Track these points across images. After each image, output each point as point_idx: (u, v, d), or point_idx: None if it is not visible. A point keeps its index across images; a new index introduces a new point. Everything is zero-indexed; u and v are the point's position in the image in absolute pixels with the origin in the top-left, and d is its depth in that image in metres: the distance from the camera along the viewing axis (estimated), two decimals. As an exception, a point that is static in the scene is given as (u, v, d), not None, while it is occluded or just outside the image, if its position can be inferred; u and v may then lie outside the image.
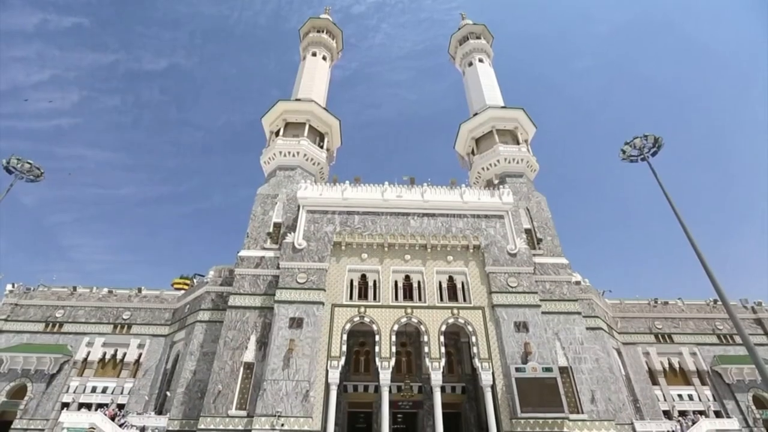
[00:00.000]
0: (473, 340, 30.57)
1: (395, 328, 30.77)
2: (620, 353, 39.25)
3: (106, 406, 35.07)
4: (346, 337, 30.57)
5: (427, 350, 29.95)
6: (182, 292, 44.22)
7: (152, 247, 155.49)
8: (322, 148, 46.91)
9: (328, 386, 28.43)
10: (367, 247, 34.67)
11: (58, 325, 41.03)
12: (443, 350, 30.31)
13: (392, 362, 29.50)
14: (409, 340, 35.97)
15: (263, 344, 31.04)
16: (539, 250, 37.27)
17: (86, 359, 38.99)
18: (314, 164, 44.84)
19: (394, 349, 30.10)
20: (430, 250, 34.63)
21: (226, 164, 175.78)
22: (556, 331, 32.09)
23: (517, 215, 39.05)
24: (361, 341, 35.95)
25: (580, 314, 33.35)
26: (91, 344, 39.75)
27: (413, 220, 36.56)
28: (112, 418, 30.08)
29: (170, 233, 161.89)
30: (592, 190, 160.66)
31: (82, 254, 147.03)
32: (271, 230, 37.64)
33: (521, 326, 30.78)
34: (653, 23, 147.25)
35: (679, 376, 40.41)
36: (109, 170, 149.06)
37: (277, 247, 36.26)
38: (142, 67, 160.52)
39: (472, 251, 34.86)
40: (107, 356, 39.46)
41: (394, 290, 32.90)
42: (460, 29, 62.65)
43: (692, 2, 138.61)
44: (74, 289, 43.42)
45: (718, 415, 36.20)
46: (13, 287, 42.60)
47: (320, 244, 34.46)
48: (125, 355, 39.38)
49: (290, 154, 43.55)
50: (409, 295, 33.11)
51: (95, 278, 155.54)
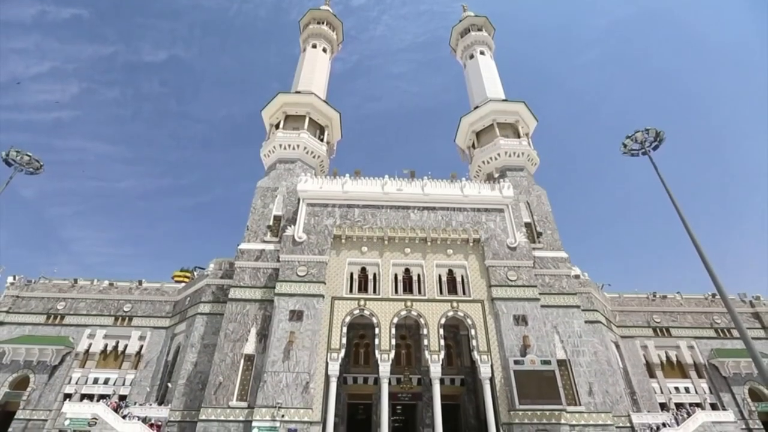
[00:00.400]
0: (472, 333, 30.78)
1: (395, 320, 30.96)
2: (618, 346, 39.54)
3: (108, 397, 35.42)
4: (346, 329, 30.78)
5: (426, 343, 30.16)
6: (183, 284, 44.39)
7: (153, 240, 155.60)
8: (322, 141, 46.73)
9: (328, 378, 28.69)
10: (367, 240, 34.73)
11: (59, 317, 41.27)
12: (442, 343, 30.56)
13: (392, 355, 29.73)
14: (408, 332, 36.21)
15: (263, 336, 31.24)
16: (539, 243, 37.35)
17: (88, 351, 39.26)
18: (314, 157, 44.71)
19: (393, 341, 30.33)
20: (430, 243, 34.69)
21: (226, 157, 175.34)
22: (555, 324, 32.28)
23: (517, 209, 39.06)
24: (361, 334, 36.19)
25: (578, 308, 33.53)
26: (92, 336, 40.00)
27: (413, 213, 36.58)
28: (115, 410, 30.37)
29: (171, 226, 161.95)
30: (592, 183, 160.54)
31: (82, 247, 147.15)
32: (271, 223, 37.67)
33: (520, 319, 30.97)
34: (655, 16, 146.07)
35: (676, 369, 40.75)
36: (109, 163, 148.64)
37: (277, 240, 36.31)
38: (141, 59, 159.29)
39: (472, 245, 34.93)
40: (109, 348, 39.75)
41: (394, 283, 33.04)
42: (461, 21, 62.08)
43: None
44: (75, 281, 43.59)
45: (714, 407, 36.56)
46: (14, 279, 42.76)
47: (320, 237, 34.51)
48: (126, 346, 39.65)
49: (290, 147, 43.40)
50: (408, 288, 33.25)
51: (96, 271, 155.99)
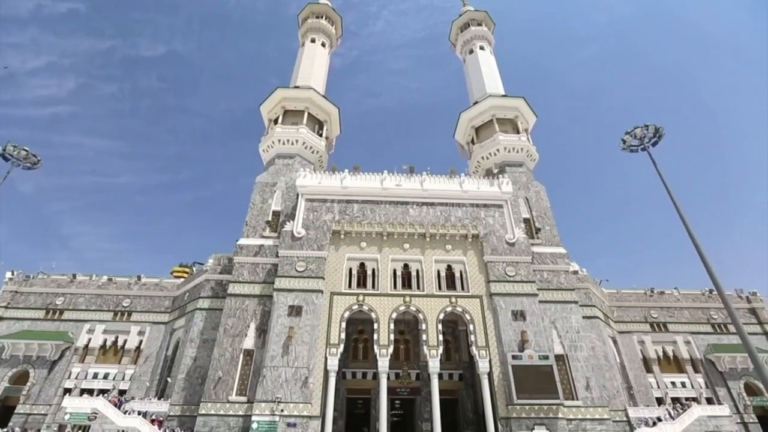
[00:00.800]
0: (471, 328, 30.92)
1: (394, 316, 31.07)
2: (616, 341, 39.81)
3: (107, 392, 35.54)
4: (344, 324, 30.89)
5: (425, 338, 30.30)
6: (182, 280, 44.40)
7: (151, 235, 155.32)
8: (321, 136, 46.60)
9: (327, 373, 28.83)
10: (366, 235, 34.75)
11: (58, 312, 41.29)
12: (441, 338, 30.71)
13: (390, 350, 29.87)
14: (407, 328, 36.30)
15: (263, 332, 31.33)
16: (538, 239, 37.43)
17: (87, 346, 39.35)
18: (313, 152, 44.60)
19: (392, 336, 30.47)
20: (429, 238, 34.74)
21: (225, 152, 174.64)
22: (553, 319, 32.45)
23: (516, 204, 39.10)
24: (359, 329, 36.30)
25: (576, 303, 33.70)
26: (91, 331, 40.06)
27: (412, 208, 36.58)
28: (116, 405, 30.51)
29: (169, 221, 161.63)
30: (591, 179, 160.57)
31: (81, 243, 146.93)
32: (270, 218, 37.64)
33: (518, 315, 31.11)
34: (656, 12, 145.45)
35: (672, 364, 41.08)
36: (107, 158, 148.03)
37: (276, 235, 36.30)
38: (139, 53, 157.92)
39: (470, 240, 34.99)
40: (108, 343, 39.83)
41: (392, 279, 33.11)
42: (461, 16, 61.74)
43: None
44: (74, 276, 43.57)
45: (709, 401, 36.89)
46: (12, 275, 42.73)
47: (319, 232, 34.52)
48: (126, 342, 39.74)
49: (289, 142, 43.28)
50: (407, 283, 33.35)
51: (95, 266, 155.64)
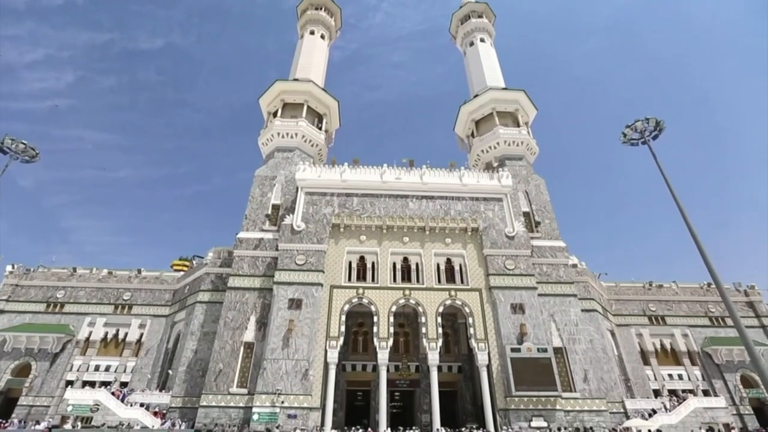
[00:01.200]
0: (470, 321, 31.10)
1: (393, 309, 31.23)
2: (614, 334, 40.06)
3: (109, 384, 35.80)
4: (344, 317, 31.06)
5: (424, 331, 30.49)
6: (182, 273, 44.48)
7: (151, 229, 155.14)
8: (320, 129, 46.41)
9: (327, 365, 29.05)
10: (365, 229, 34.78)
11: (59, 305, 41.43)
12: (440, 331, 30.90)
13: (390, 342, 30.08)
14: (407, 321, 36.53)
15: (263, 324, 31.50)
16: (537, 233, 37.48)
17: (88, 339, 39.54)
18: (313, 146, 44.45)
19: (392, 329, 30.66)
20: (428, 232, 34.77)
21: (225, 146, 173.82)
22: (551, 312, 32.62)
23: (515, 198, 39.08)
24: (359, 322, 36.50)
25: (575, 296, 33.86)
26: (92, 324, 40.24)
27: (412, 202, 36.57)
28: (121, 399, 30.79)
29: (169, 215, 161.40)
30: (591, 173, 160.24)
31: (81, 236, 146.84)
32: (269, 212, 37.63)
33: (517, 308, 31.27)
34: (658, 5, 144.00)
35: (670, 356, 41.37)
36: (106, 152, 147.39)
37: (275, 228, 36.32)
38: (137, 46, 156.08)
39: (470, 234, 35.03)
40: (109, 336, 40.03)
41: (392, 272, 33.21)
42: (461, 7, 61.20)
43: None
44: (74, 270, 43.65)
45: (706, 393, 37.26)
46: (13, 268, 42.80)
47: (319, 226, 34.54)
48: (127, 334, 39.93)
49: (288, 135, 43.09)
50: (407, 276, 33.46)
51: (95, 260, 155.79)
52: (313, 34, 56.23)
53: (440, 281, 33.05)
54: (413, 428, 27.17)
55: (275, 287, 31.63)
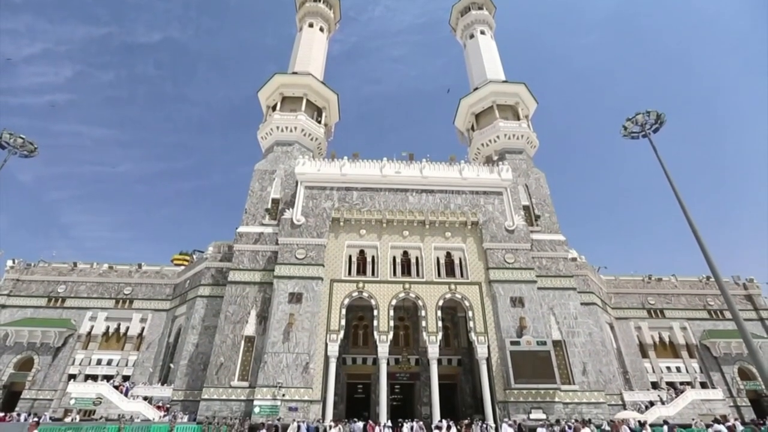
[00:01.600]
0: (470, 314, 31.23)
1: (393, 302, 31.34)
2: (613, 327, 40.27)
3: (111, 377, 36.06)
4: (344, 311, 31.18)
5: (424, 324, 30.62)
6: (182, 267, 44.62)
7: (151, 223, 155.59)
8: (319, 123, 46.17)
9: (327, 359, 29.23)
10: (365, 223, 34.79)
11: (60, 299, 41.61)
12: (440, 324, 31.03)
13: (390, 336, 30.22)
14: (407, 314, 36.69)
15: (263, 318, 31.64)
16: (537, 226, 37.49)
17: (90, 333, 39.80)
18: (312, 140, 44.27)
19: (392, 323, 30.79)
20: (428, 226, 34.78)
21: (224, 140, 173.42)
22: (551, 306, 32.74)
23: (515, 192, 39.03)
24: (359, 315, 36.68)
25: (575, 290, 33.96)
26: (94, 318, 40.47)
27: (412, 196, 36.54)
28: (124, 393, 31.02)
29: (169, 210, 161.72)
30: (591, 167, 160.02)
31: (81, 231, 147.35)
32: (269, 206, 37.60)
33: (517, 301, 31.38)
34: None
35: (668, 349, 41.64)
36: (105, 147, 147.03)
37: (275, 223, 36.31)
38: (135, 40, 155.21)
39: (470, 227, 35.04)
40: (111, 330, 40.27)
41: (392, 266, 33.27)
42: (461, -1, 60.50)
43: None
44: (75, 264, 43.77)
45: (704, 386, 37.59)
46: (13, 263, 42.90)
47: (319, 220, 34.54)
48: (128, 329, 40.18)
49: (288, 129, 42.89)
50: (407, 270, 33.52)
51: (95, 255, 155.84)
52: (312, 26, 55.70)
53: (440, 275, 33.13)
54: (413, 420, 27.40)
55: (275, 281, 31.72)
